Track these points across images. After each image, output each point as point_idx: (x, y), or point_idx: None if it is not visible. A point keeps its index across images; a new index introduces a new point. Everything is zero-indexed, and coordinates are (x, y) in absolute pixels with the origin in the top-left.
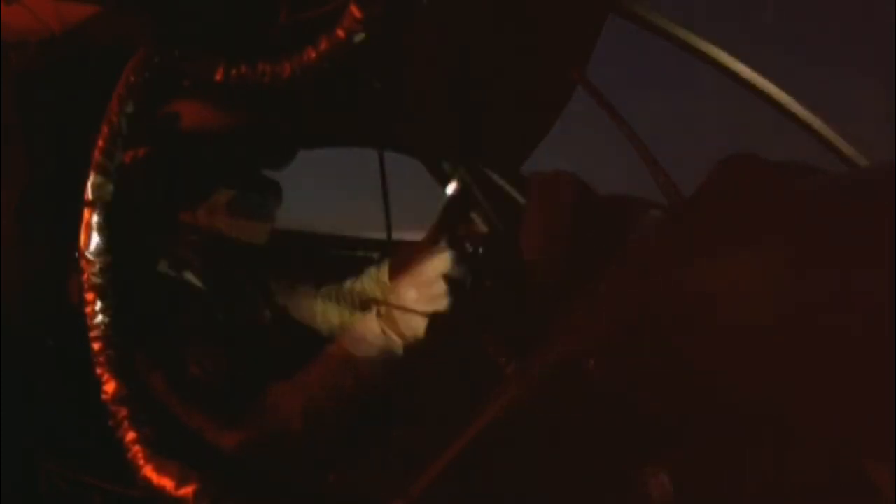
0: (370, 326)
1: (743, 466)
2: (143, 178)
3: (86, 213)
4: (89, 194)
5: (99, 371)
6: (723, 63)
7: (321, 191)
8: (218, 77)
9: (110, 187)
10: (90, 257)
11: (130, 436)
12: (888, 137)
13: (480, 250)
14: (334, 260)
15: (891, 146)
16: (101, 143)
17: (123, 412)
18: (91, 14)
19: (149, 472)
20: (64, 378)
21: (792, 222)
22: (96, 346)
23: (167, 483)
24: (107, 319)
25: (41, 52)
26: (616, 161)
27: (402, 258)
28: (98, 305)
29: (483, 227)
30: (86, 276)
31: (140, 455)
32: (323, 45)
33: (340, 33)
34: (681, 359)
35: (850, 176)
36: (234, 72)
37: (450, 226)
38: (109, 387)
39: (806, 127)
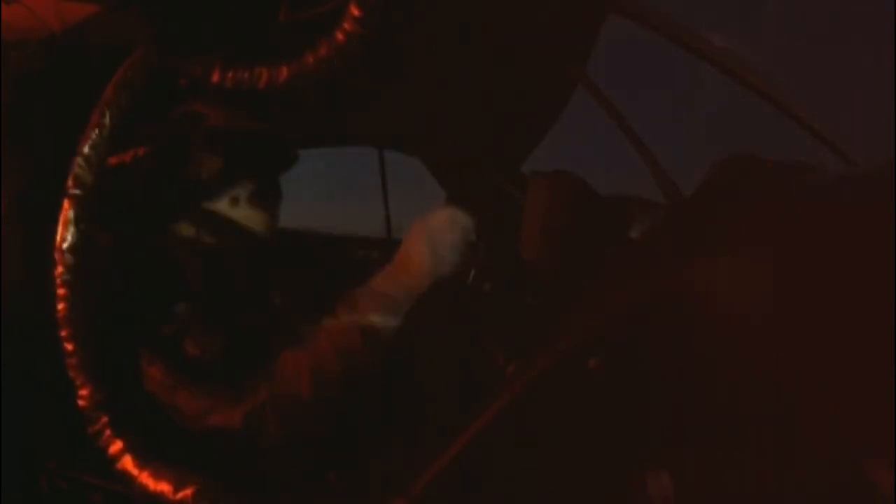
0: (379, 277)
1: (743, 466)
2: (142, 176)
3: (65, 204)
4: (70, 185)
5: (72, 374)
6: (723, 63)
7: (321, 191)
8: (214, 78)
9: (92, 179)
10: (65, 251)
11: (117, 445)
12: (888, 137)
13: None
14: (334, 260)
15: (891, 146)
16: (88, 133)
17: (104, 419)
18: (91, 14)
19: (145, 478)
20: (64, 378)
21: (792, 221)
22: (69, 346)
23: (165, 487)
24: (80, 318)
25: (41, 52)
26: (616, 161)
27: None
28: (71, 303)
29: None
30: (59, 270)
31: (131, 464)
32: (322, 51)
33: (340, 36)
34: (680, 358)
35: (849, 176)
36: (230, 74)
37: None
38: (85, 391)
39: (806, 127)
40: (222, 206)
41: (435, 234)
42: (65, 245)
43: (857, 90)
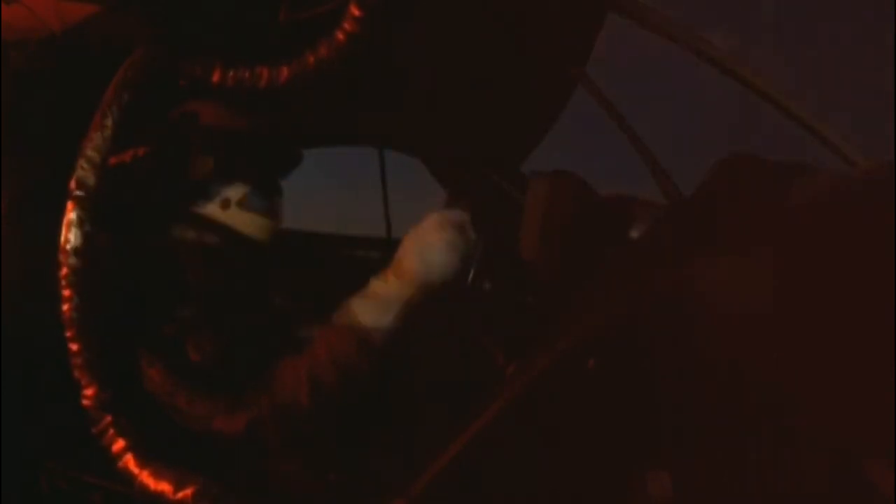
0: (376, 283)
1: (743, 466)
2: (142, 176)
3: (69, 206)
4: (73, 187)
5: (77, 374)
6: (723, 62)
7: (321, 191)
8: (215, 78)
9: (95, 181)
10: (69, 253)
11: (119, 444)
12: (888, 137)
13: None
14: (334, 260)
15: (891, 146)
16: (90, 134)
17: (107, 419)
18: (91, 14)
19: (145, 478)
20: (64, 378)
21: (792, 222)
22: (74, 346)
23: (165, 487)
24: (85, 319)
25: (41, 52)
26: (616, 161)
27: None
28: (75, 303)
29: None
30: (64, 272)
31: (133, 463)
32: (322, 51)
33: (340, 36)
34: (680, 358)
35: (849, 176)
36: (231, 74)
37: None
38: (90, 391)
39: (806, 127)
40: (213, 209)
41: (423, 241)
42: (69, 246)
43: (857, 90)
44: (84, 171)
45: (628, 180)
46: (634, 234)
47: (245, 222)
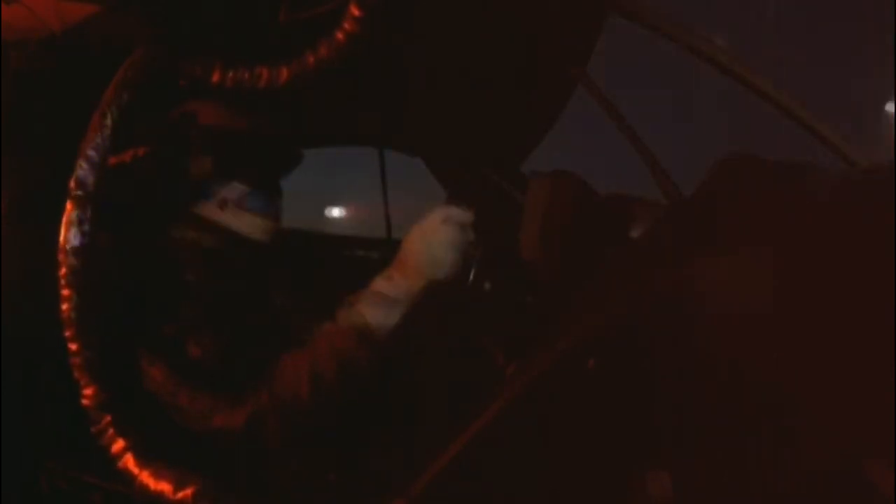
0: (378, 279)
1: (743, 466)
2: (142, 176)
3: (68, 205)
4: (73, 186)
5: (76, 374)
6: (722, 62)
7: (321, 191)
8: (215, 78)
9: (94, 180)
10: (69, 253)
11: (119, 444)
12: (888, 137)
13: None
14: (334, 260)
15: (891, 146)
16: (89, 134)
17: (107, 418)
18: (91, 14)
19: (145, 478)
20: (64, 378)
21: (792, 222)
22: (73, 346)
23: (165, 487)
24: (84, 318)
25: (41, 52)
26: (616, 161)
27: None
28: (75, 303)
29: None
30: (63, 271)
31: (132, 463)
32: (322, 51)
33: (340, 36)
34: (680, 358)
35: (849, 176)
36: (231, 74)
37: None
38: (89, 391)
39: (806, 127)
40: (212, 209)
41: (429, 235)
42: (68, 246)
43: (857, 90)
44: (83, 171)
45: (628, 180)
46: (634, 234)
47: (244, 222)
